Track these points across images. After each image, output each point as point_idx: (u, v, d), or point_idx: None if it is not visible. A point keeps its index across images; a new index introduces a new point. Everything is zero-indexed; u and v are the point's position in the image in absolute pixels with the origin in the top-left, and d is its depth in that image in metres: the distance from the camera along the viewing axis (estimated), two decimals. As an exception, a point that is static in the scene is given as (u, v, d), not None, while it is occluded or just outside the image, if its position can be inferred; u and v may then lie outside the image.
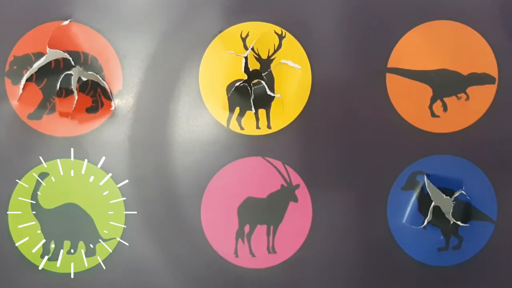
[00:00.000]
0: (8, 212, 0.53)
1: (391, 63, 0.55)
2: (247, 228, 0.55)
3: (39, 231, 0.53)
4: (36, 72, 0.53)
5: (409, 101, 0.55)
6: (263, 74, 0.54)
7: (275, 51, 0.54)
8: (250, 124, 0.54)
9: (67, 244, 0.54)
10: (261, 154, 0.55)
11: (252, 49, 0.54)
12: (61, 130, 0.53)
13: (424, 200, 0.55)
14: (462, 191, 0.55)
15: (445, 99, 0.55)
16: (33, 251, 0.54)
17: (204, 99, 0.54)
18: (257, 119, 0.54)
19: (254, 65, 0.54)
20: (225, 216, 0.55)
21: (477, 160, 0.56)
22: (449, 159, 0.55)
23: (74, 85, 0.53)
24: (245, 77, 0.54)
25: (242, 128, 0.54)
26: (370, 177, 0.55)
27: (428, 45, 0.55)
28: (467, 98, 0.55)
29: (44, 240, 0.54)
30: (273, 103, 0.54)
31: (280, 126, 0.54)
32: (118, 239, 0.54)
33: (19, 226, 0.53)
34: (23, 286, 0.54)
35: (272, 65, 0.54)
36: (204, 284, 0.55)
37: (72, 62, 0.53)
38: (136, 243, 0.54)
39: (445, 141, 0.55)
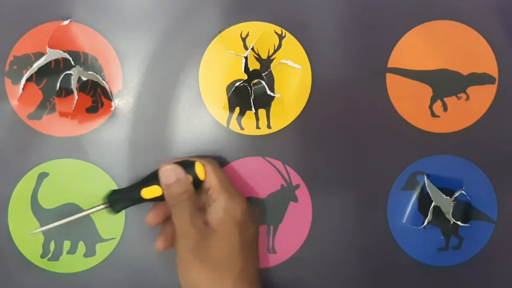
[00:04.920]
0: (8, 212, 0.53)
1: (391, 63, 0.55)
2: (247, 228, 0.55)
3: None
4: (36, 72, 0.52)
5: (409, 101, 0.55)
6: (263, 74, 0.54)
7: (275, 51, 0.54)
8: (250, 124, 0.54)
9: (67, 244, 0.54)
10: (261, 154, 0.55)
11: (252, 49, 0.54)
12: (61, 130, 0.53)
13: (424, 200, 0.55)
14: (462, 191, 0.55)
15: (445, 99, 0.55)
16: (33, 251, 0.54)
17: (204, 99, 0.54)
18: (257, 119, 0.54)
19: (254, 65, 0.54)
20: (225, 216, 0.54)
21: (477, 160, 0.56)
22: (449, 159, 0.55)
23: (74, 85, 0.53)
24: (245, 77, 0.54)
25: (242, 128, 0.54)
26: (370, 177, 0.55)
27: (428, 45, 0.55)
28: (467, 98, 0.55)
29: (44, 240, 0.54)
30: (273, 103, 0.54)
31: (280, 126, 0.54)
32: (118, 239, 0.54)
33: (19, 226, 0.53)
34: (23, 286, 0.54)
35: (272, 65, 0.54)
36: (204, 284, 0.55)
37: (72, 62, 0.53)
38: (136, 243, 0.54)
39: (445, 141, 0.55)
